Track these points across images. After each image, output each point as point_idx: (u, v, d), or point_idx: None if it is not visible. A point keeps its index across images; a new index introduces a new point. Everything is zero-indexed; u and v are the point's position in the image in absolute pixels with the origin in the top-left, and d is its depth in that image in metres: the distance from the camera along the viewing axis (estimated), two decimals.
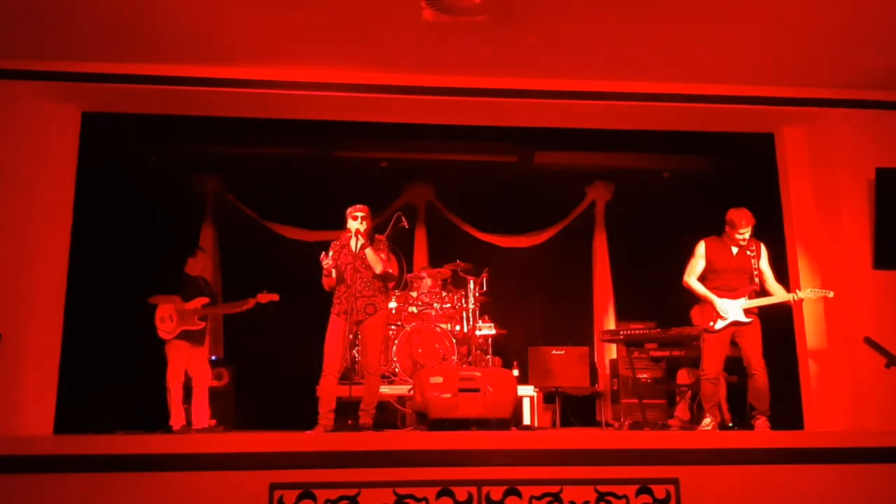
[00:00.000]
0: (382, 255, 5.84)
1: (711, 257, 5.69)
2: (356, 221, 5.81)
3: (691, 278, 5.73)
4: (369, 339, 5.83)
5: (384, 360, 7.32)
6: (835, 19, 5.39)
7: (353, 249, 5.80)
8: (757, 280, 5.65)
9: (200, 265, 6.74)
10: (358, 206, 5.87)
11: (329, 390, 5.68)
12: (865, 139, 6.36)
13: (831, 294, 5.58)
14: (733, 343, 5.69)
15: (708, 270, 5.71)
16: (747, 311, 5.58)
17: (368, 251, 5.75)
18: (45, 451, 4.64)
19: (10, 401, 5.61)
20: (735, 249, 5.67)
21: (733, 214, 5.66)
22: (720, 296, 5.62)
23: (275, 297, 6.51)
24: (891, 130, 6.38)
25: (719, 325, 5.60)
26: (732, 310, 5.58)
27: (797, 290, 5.66)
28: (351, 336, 5.88)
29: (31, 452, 4.61)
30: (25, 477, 4.50)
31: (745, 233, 5.61)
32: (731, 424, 6.36)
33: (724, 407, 6.62)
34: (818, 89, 6.41)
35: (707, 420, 5.74)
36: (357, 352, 7.21)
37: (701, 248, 5.74)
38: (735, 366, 7.25)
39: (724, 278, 5.66)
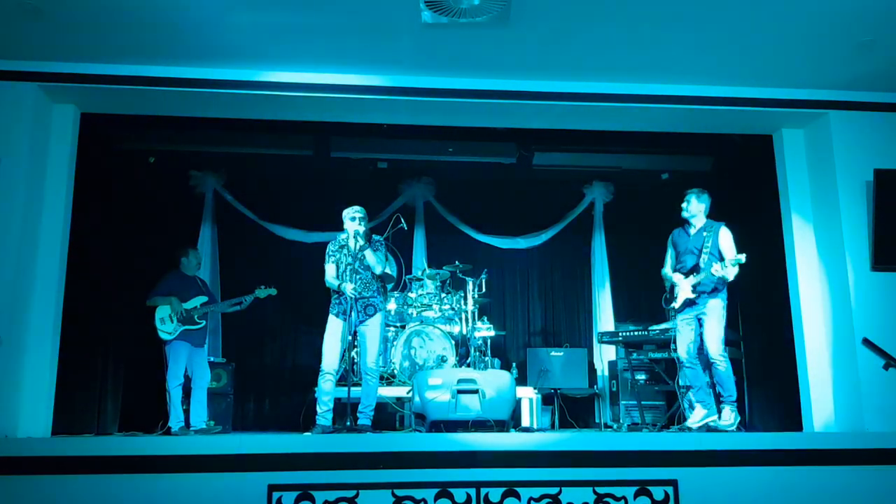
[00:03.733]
0: (381, 256, 5.86)
1: (675, 242, 6.07)
2: (354, 222, 5.81)
3: (664, 268, 6.10)
4: (368, 340, 5.84)
5: (382, 362, 7.32)
6: (833, 21, 5.39)
7: (352, 251, 5.81)
8: (707, 258, 5.72)
9: (195, 264, 6.73)
10: (355, 207, 5.88)
11: (328, 391, 5.69)
12: (863, 140, 6.36)
13: (743, 258, 5.52)
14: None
15: (676, 256, 6.04)
16: (694, 289, 5.75)
17: (368, 251, 5.76)
18: (44, 452, 4.64)
19: (8, 402, 5.60)
20: (692, 231, 5.95)
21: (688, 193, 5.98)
22: (678, 277, 5.92)
23: (272, 291, 6.54)
24: (889, 132, 6.39)
25: (678, 304, 5.85)
26: (684, 288, 5.81)
27: (717, 267, 5.59)
28: (350, 337, 5.88)
29: (30, 454, 4.62)
30: (24, 478, 4.50)
31: (688, 207, 5.89)
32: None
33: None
34: (816, 91, 6.41)
35: (697, 409, 5.76)
36: (355, 353, 7.21)
37: (670, 238, 6.14)
38: (734, 367, 7.27)
39: (681, 260, 5.96)
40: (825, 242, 6.47)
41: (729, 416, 5.64)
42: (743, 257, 5.50)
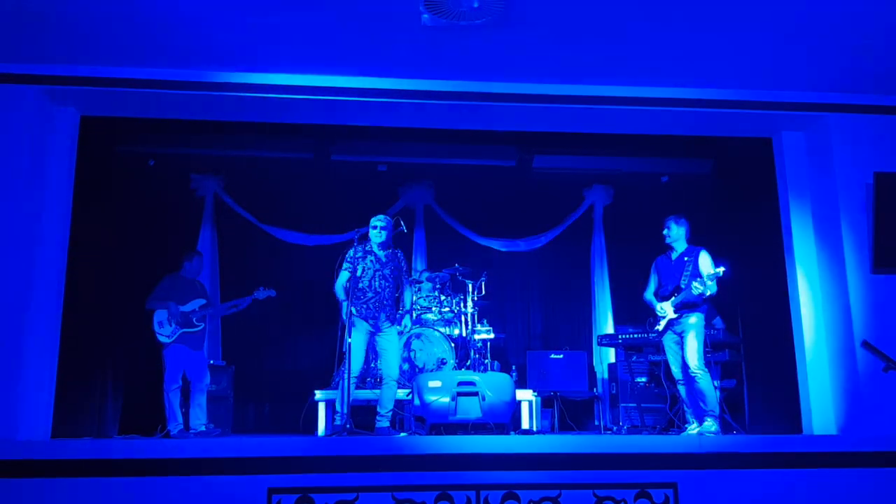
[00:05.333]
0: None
1: (658, 270, 6.27)
2: (376, 231, 5.99)
3: (646, 293, 6.26)
4: (391, 346, 5.91)
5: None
6: (833, 23, 5.40)
7: (382, 258, 5.99)
8: (687, 279, 5.94)
9: (197, 268, 6.75)
10: (381, 217, 6.10)
11: (348, 393, 5.70)
12: (864, 143, 6.37)
13: (721, 270, 5.78)
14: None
15: (658, 281, 6.24)
16: (677, 309, 5.95)
17: (408, 292, 6.15)
18: (43, 455, 4.64)
19: (7, 405, 5.60)
20: (674, 257, 6.14)
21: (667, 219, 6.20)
22: (659, 301, 6.11)
23: (272, 293, 6.56)
24: (889, 135, 6.40)
25: (661, 326, 6.07)
26: (665, 310, 6.01)
27: (696, 284, 5.83)
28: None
29: (29, 457, 4.61)
30: (23, 482, 4.50)
31: (669, 234, 6.12)
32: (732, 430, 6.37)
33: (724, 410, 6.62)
34: (816, 93, 6.42)
35: (693, 424, 5.81)
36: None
37: (654, 265, 6.33)
38: (734, 370, 7.27)
39: (663, 285, 6.17)
40: (825, 245, 6.47)
41: (710, 425, 5.74)
42: (721, 270, 5.76)
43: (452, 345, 7.61)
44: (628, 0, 5.16)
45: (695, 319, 5.90)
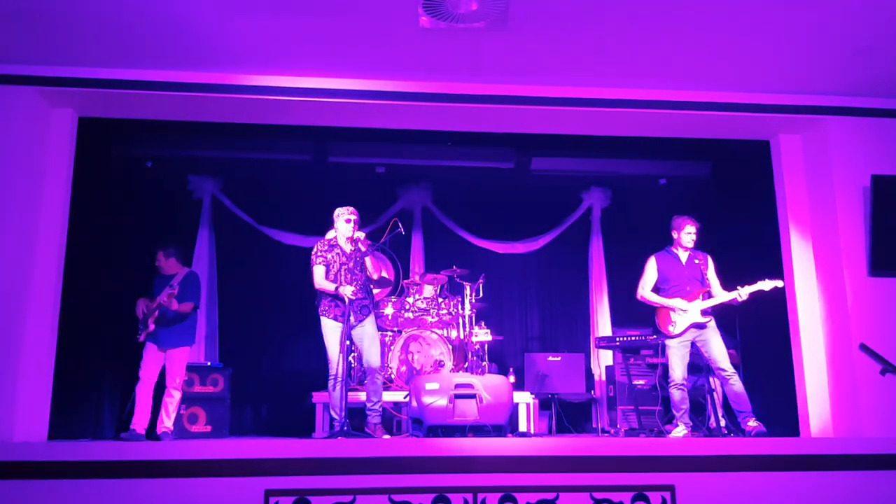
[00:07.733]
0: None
1: (662, 268, 6.11)
2: (350, 224, 5.83)
3: (646, 291, 6.13)
4: (368, 339, 5.85)
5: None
6: (831, 26, 5.41)
7: (347, 252, 5.83)
8: (713, 285, 6.01)
9: (163, 263, 6.38)
10: (350, 209, 5.91)
11: (341, 396, 5.65)
12: (861, 146, 6.38)
13: (781, 283, 5.90)
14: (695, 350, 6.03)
15: (661, 282, 6.11)
16: (703, 312, 5.90)
17: (368, 258, 5.79)
18: (39, 457, 4.63)
19: (4, 406, 5.59)
20: (683, 258, 6.07)
21: (678, 219, 6.12)
22: (680, 302, 5.97)
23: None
24: (886, 138, 6.41)
25: (679, 327, 5.91)
26: (690, 311, 5.90)
27: (739, 289, 5.89)
28: (348, 341, 5.87)
29: (25, 458, 4.60)
30: (20, 483, 4.49)
31: (692, 231, 6.05)
32: (726, 432, 6.36)
33: (720, 413, 6.62)
34: (814, 97, 6.43)
35: (679, 427, 5.82)
36: (352, 357, 7.21)
37: (651, 261, 6.18)
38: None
39: (677, 285, 6.02)
40: (822, 248, 6.48)
41: (755, 423, 5.72)
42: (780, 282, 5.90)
43: (450, 347, 7.61)
44: (626, 3, 5.17)
45: (713, 321, 5.95)
